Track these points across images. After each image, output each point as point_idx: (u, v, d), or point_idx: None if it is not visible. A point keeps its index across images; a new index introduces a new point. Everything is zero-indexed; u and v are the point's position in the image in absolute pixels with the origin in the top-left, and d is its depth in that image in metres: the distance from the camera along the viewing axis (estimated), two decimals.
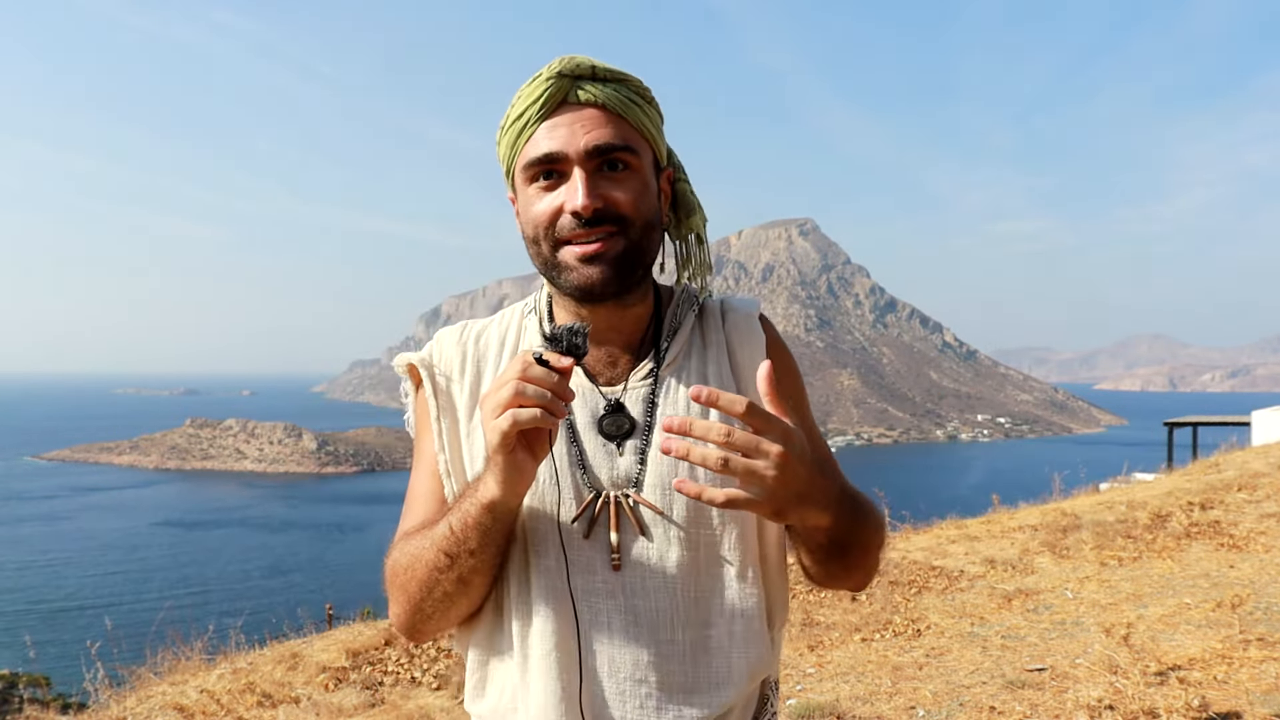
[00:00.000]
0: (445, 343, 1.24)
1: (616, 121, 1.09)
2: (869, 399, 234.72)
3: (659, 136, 1.15)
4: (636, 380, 1.16)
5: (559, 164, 1.08)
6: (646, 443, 1.12)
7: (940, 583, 6.40)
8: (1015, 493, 11.01)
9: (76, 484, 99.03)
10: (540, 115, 1.08)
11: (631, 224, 1.08)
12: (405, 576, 1.08)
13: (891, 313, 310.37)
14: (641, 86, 1.12)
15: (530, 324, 1.23)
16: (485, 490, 1.00)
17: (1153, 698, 3.69)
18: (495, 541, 1.04)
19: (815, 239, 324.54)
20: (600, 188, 1.07)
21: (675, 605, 1.08)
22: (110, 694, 5.34)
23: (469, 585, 1.06)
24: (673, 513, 1.10)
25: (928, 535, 8.26)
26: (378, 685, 5.27)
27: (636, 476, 1.11)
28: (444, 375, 1.21)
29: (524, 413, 0.93)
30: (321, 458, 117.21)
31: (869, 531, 1.12)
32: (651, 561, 1.08)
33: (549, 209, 1.09)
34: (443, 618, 1.10)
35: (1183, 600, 5.26)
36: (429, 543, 1.06)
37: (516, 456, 0.96)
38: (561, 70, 1.07)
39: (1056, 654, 4.55)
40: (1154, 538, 7.07)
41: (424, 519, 1.14)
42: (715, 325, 1.22)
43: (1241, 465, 10.73)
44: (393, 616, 1.13)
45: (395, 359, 1.25)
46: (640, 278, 1.14)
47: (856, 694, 4.28)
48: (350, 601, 8.49)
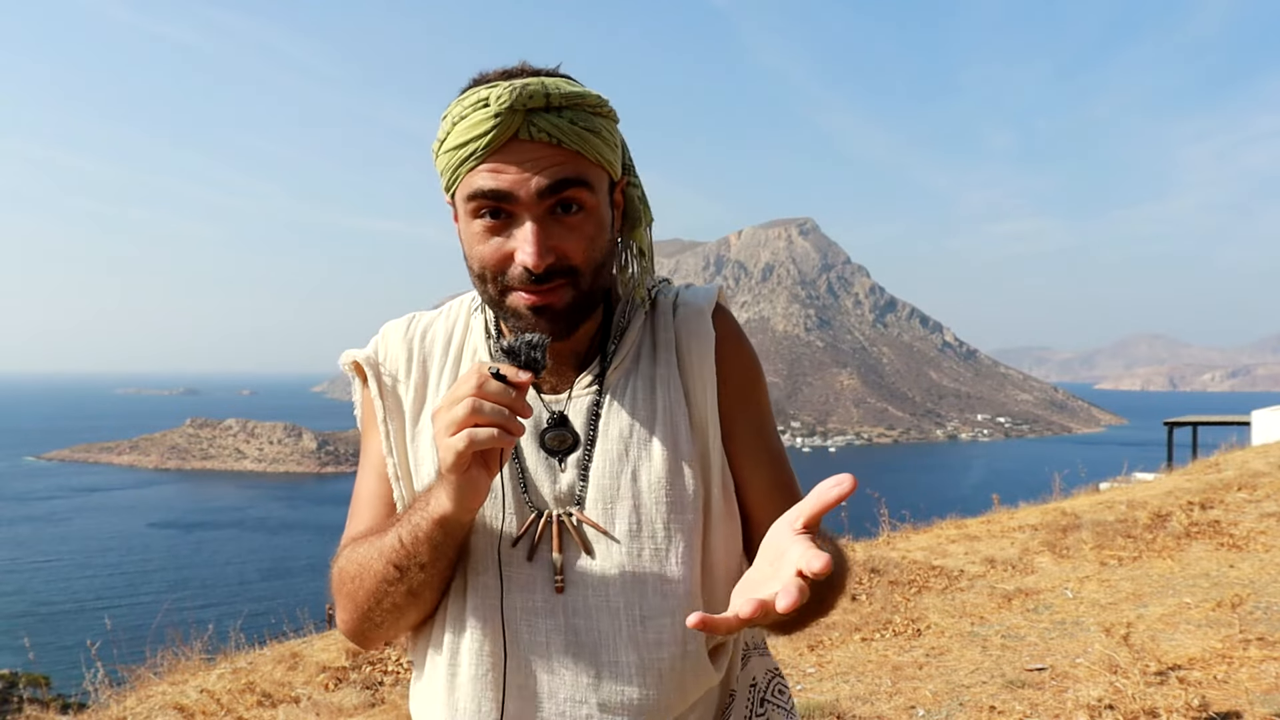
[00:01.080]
0: (391, 339, 1.19)
1: (571, 157, 0.99)
2: (869, 399, 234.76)
3: (614, 156, 1.06)
4: (580, 389, 1.10)
5: (507, 204, 0.99)
6: (589, 457, 1.07)
7: (940, 582, 6.40)
8: (1015, 492, 11.02)
9: (76, 484, 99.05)
10: (486, 152, 0.98)
11: (581, 275, 1.02)
12: (353, 585, 1.05)
13: (891, 312, 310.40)
14: (597, 103, 1.02)
15: (476, 322, 1.17)
16: (437, 505, 0.96)
17: (1153, 697, 3.68)
18: (446, 555, 1.01)
19: (815, 239, 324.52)
20: (553, 237, 0.99)
21: (618, 626, 1.03)
22: (110, 694, 5.33)
23: (419, 598, 1.03)
24: (615, 530, 1.05)
25: (928, 535, 8.26)
26: (378, 685, 5.27)
27: (579, 494, 1.07)
28: (390, 375, 1.16)
29: (481, 432, 0.89)
30: (322, 457, 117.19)
31: (833, 598, 1.07)
32: (595, 581, 1.04)
33: (497, 254, 1.01)
34: (392, 627, 1.07)
35: (1183, 600, 5.25)
36: (377, 553, 1.02)
37: (471, 474, 0.92)
38: (513, 105, 0.96)
39: (1056, 654, 4.55)
40: (1154, 537, 7.07)
41: (371, 524, 1.10)
42: (666, 324, 1.15)
43: (1241, 465, 10.73)
44: (340, 624, 1.10)
45: (342, 355, 1.20)
46: (587, 317, 1.07)
47: (856, 694, 4.28)
48: None
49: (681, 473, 1.07)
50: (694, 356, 1.12)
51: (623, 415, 1.09)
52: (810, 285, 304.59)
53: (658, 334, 1.14)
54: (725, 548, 1.10)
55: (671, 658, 1.04)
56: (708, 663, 1.07)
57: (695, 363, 1.12)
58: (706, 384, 1.11)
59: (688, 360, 1.12)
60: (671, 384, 1.11)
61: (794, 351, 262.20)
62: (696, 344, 1.12)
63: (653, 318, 1.16)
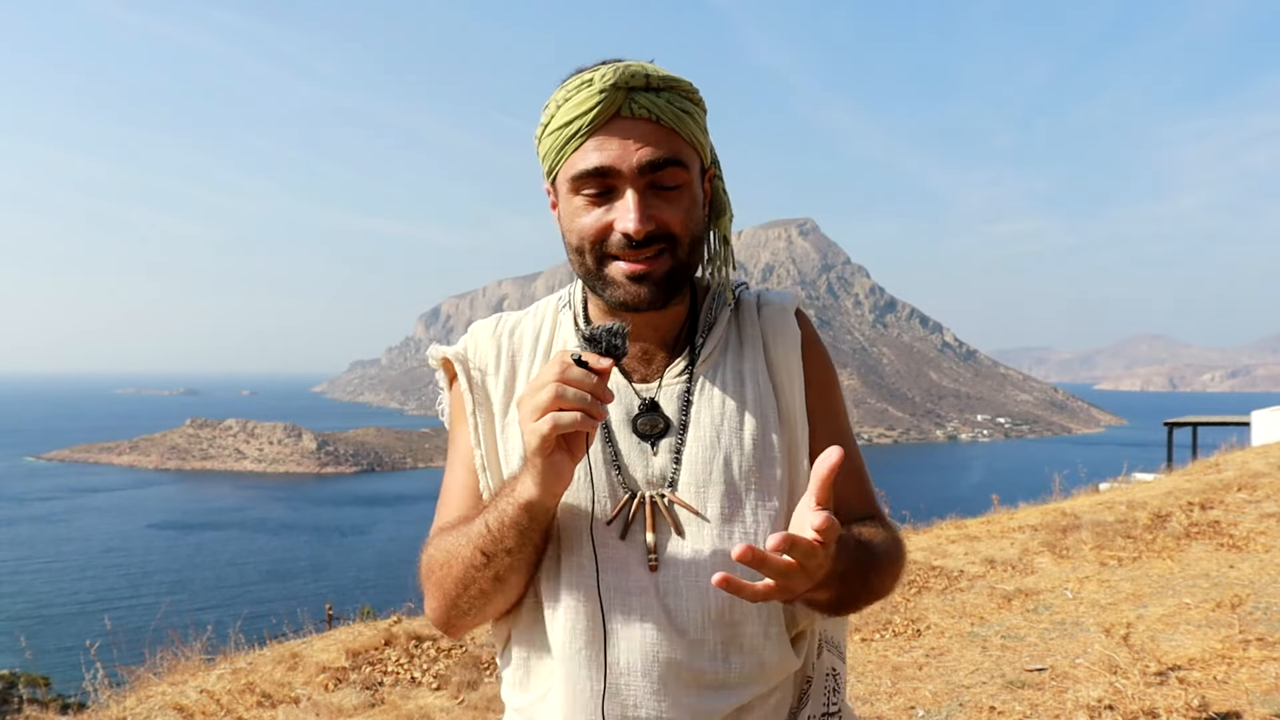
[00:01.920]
0: (480, 336, 1.23)
1: (669, 135, 1.07)
2: (869, 399, 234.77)
3: (705, 140, 1.14)
4: (671, 378, 1.15)
5: (610, 179, 1.06)
6: (682, 441, 1.12)
7: (940, 583, 6.39)
8: (1015, 493, 11.02)
9: (76, 484, 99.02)
10: (591, 128, 1.06)
11: (680, 243, 1.08)
12: (441, 573, 1.08)
13: (891, 313, 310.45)
14: (691, 90, 1.10)
15: (565, 318, 1.22)
16: (523, 490, 1.00)
17: (1153, 698, 3.68)
18: (532, 541, 1.04)
19: (815, 239, 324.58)
20: (652, 208, 1.06)
21: (708, 605, 1.07)
22: (110, 694, 5.33)
23: (505, 583, 1.07)
24: (707, 512, 1.09)
25: (928, 535, 8.26)
26: (377, 685, 5.27)
27: (672, 476, 1.11)
28: (479, 369, 1.21)
29: (565, 416, 0.92)
30: (321, 458, 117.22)
31: (877, 579, 1.11)
32: (686, 562, 1.08)
33: (598, 224, 1.08)
34: (479, 614, 1.10)
35: (1183, 600, 5.25)
36: (465, 540, 1.06)
37: (555, 458, 0.96)
38: (616, 82, 1.05)
39: (1056, 654, 4.55)
40: (1154, 538, 7.06)
41: (460, 514, 1.14)
42: (751, 320, 1.21)
43: (1241, 465, 10.73)
44: (429, 611, 1.14)
45: (429, 351, 1.24)
46: (683, 289, 1.14)
47: (856, 694, 4.28)
48: (350, 601, 8.50)
49: (772, 462, 1.13)
50: (781, 353, 1.19)
51: (714, 404, 1.14)
52: (810, 285, 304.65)
53: (743, 329, 1.21)
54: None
55: (752, 638, 1.08)
56: (789, 648, 1.11)
57: (782, 359, 1.18)
58: (794, 380, 1.18)
59: (775, 356, 1.19)
60: (760, 378, 1.17)
61: None
62: (783, 341, 1.19)
63: (738, 314, 1.22)
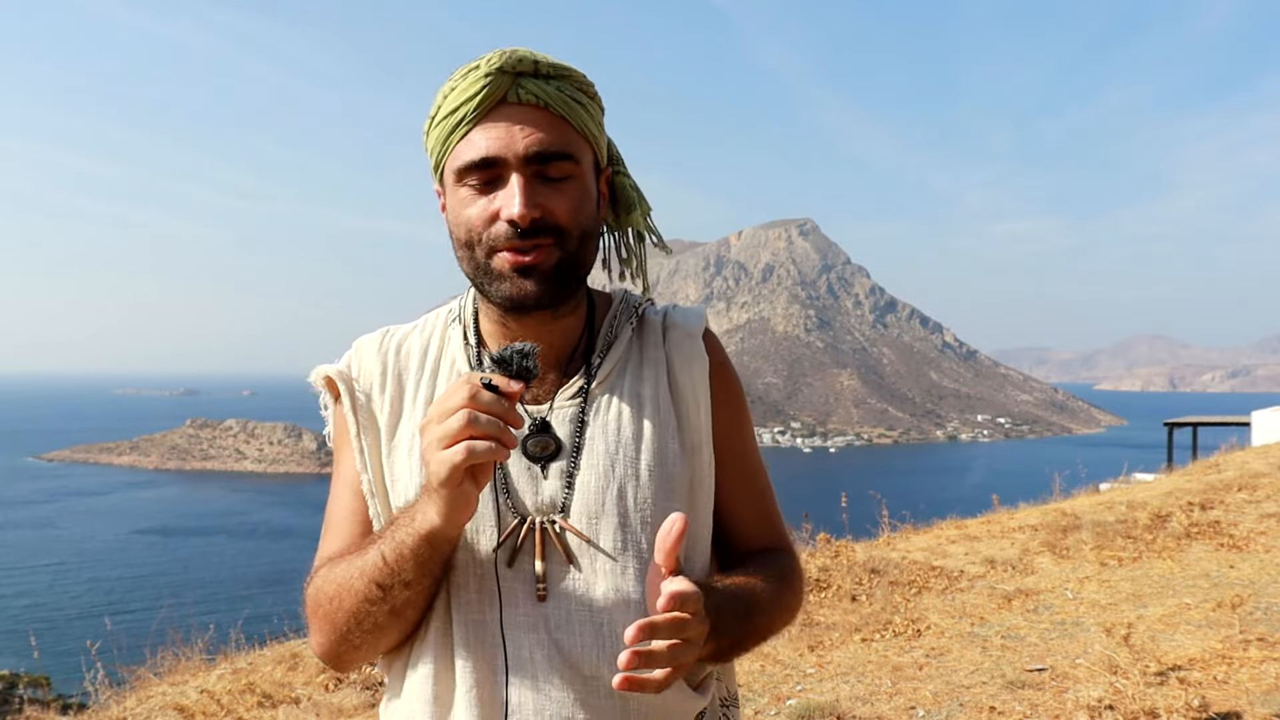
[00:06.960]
0: (365, 353, 1.16)
1: (558, 124, 1.02)
2: (869, 399, 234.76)
3: (600, 135, 1.08)
4: (564, 399, 1.08)
5: (495, 168, 1.01)
6: (575, 465, 1.05)
7: (940, 583, 6.39)
8: (1015, 493, 11.01)
9: (76, 485, 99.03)
10: (476, 115, 1.00)
11: (568, 235, 1.02)
12: (331, 606, 1.01)
13: (891, 313, 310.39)
14: (584, 81, 1.05)
15: (454, 333, 1.15)
16: (423, 520, 0.93)
17: (1153, 698, 3.69)
18: (432, 573, 0.98)
19: (815, 239, 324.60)
20: (538, 196, 1.00)
21: (601, 641, 1.00)
22: (110, 694, 5.34)
23: (401, 617, 1.00)
24: (600, 540, 1.03)
25: (928, 535, 8.26)
26: (378, 686, 5.27)
27: (563, 502, 1.04)
28: (364, 391, 1.13)
29: (479, 445, 0.86)
30: (322, 458, 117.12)
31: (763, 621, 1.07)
32: (578, 593, 1.02)
33: (483, 214, 1.01)
34: (371, 648, 1.03)
35: (1183, 600, 5.26)
36: (358, 572, 0.98)
37: (463, 487, 0.89)
38: (502, 66, 0.99)
39: (1056, 654, 4.55)
40: (1154, 538, 7.07)
41: (348, 543, 1.08)
42: (655, 341, 1.14)
43: (1241, 465, 10.74)
44: (314, 646, 1.06)
45: (312, 372, 1.16)
46: (574, 288, 1.07)
47: (856, 694, 4.28)
48: None
49: (670, 494, 1.06)
50: (687, 380, 1.12)
51: (609, 429, 1.07)
52: (810, 286, 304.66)
53: (645, 351, 1.13)
54: (701, 565, 1.11)
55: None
56: (689, 689, 1.05)
57: (688, 384, 1.12)
58: (700, 406, 1.11)
59: (680, 380, 1.12)
60: (661, 403, 1.10)
61: (794, 352, 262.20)
62: (690, 368, 1.12)
63: (640, 333, 1.15)
